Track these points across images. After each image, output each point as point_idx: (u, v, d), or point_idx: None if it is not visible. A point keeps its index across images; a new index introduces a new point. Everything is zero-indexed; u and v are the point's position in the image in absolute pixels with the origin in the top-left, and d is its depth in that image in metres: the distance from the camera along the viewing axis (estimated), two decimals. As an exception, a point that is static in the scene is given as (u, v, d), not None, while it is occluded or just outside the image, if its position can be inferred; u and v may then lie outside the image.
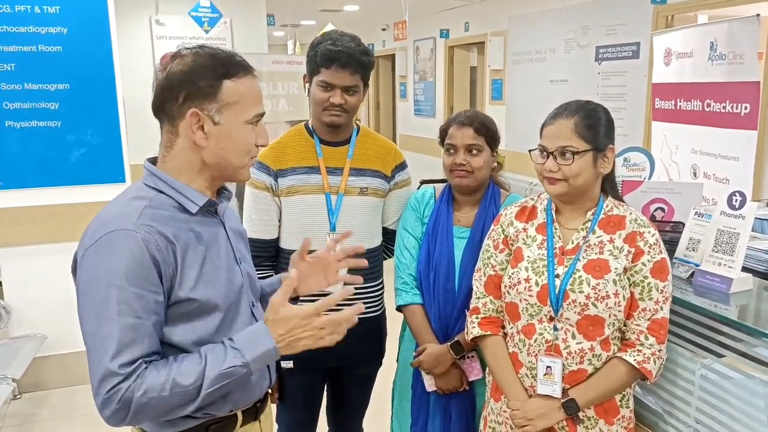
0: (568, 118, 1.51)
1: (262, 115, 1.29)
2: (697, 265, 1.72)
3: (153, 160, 1.30)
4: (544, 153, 1.53)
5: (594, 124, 1.52)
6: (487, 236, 1.71)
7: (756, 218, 1.98)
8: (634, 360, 1.48)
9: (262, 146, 1.31)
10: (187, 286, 1.19)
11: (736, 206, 1.66)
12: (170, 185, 1.25)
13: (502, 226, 1.66)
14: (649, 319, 1.49)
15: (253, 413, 1.37)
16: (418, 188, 2.10)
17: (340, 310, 1.94)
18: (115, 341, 1.10)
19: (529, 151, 1.58)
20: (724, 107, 2.89)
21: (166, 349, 1.21)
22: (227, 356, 1.17)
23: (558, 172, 1.50)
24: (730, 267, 1.64)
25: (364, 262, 1.57)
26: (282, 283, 1.30)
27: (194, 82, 1.20)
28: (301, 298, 1.53)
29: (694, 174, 3.14)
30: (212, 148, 1.23)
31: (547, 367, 1.51)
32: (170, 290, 1.18)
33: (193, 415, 1.23)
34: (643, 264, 1.49)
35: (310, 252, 1.90)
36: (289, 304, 1.24)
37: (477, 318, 1.67)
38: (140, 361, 1.13)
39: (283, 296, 1.24)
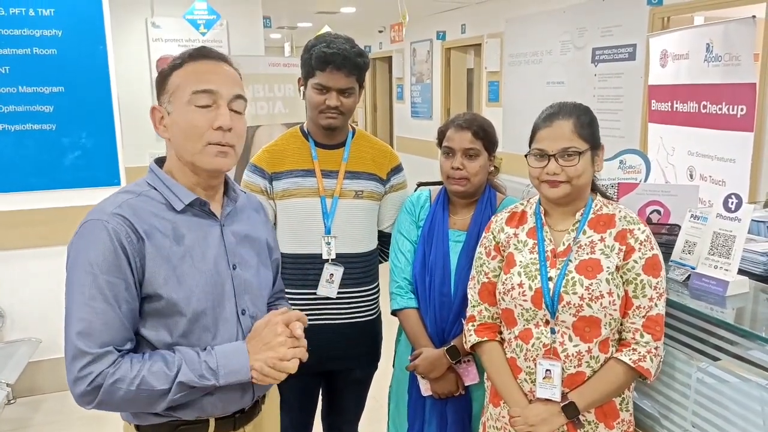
0: (566, 119, 1.50)
1: (207, 92, 1.22)
2: (693, 268, 1.71)
3: (162, 159, 1.33)
4: (544, 156, 1.51)
5: (590, 123, 1.53)
6: (479, 244, 1.70)
7: (752, 220, 1.98)
8: (630, 359, 1.47)
9: (220, 128, 1.23)
10: (156, 283, 1.20)
11: (732, 208, 1.66)
12: (163, 182, 1.28)
13: (493, 233, 1.65)
14: (643, 317, 1.48)
15: (231, 423, 1.34)
16: (415, 191, 2.09)
17: (330, 313, 1.95)
18: (84, 323, 1.15)
19: (525, 155, 1.56)
20: (721, 109, 2.89)
21: (143, 346, 1.23)
22: (202, 372, 1.20)
23: (561, 174, 1.48)
24: (726, 270, 1.63)
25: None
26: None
27: (156, 80, 1.29)
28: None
29: (691, 176, 3.13)
30: (172, 139, 1.27)
31: (547, 370, 1.49)
32: (140, 283, 1.20)
33: (156, 411, 1.24)
34: (635, 261, 1.49)
35: (306, 256, 1.91)
36: None
37: (473, 326, 1.65)
38: (112, 347, 1.16)
39: None
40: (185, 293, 1.23)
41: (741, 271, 1.68)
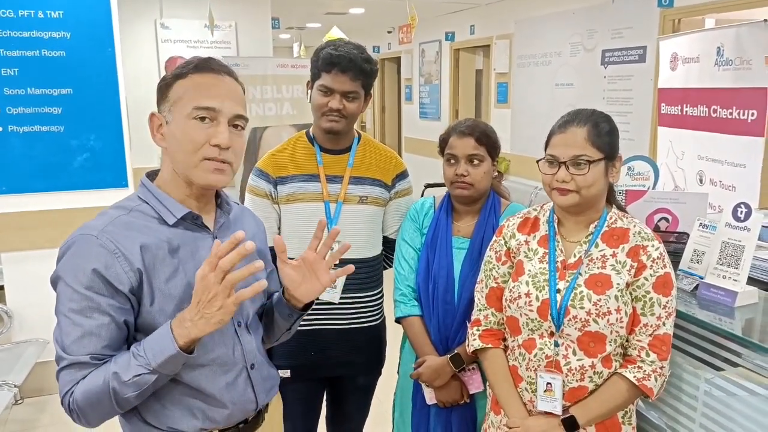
0: (580, 126, 1.47)
1: (208, 109, 1.20)
2: (702, 278, 1.69)
3: (155, 172, 1.32)
4: (555, 163, 1.48)
5: (606, 132, 1.49)
6: (489, 247, 1.68)
7: (763, 226, 1.95)
8: (634, 377, 1.44)
9: (216, 146, 1.21)
10: (151, 296, 1.19)
11: (742, 218, 1.63)
12: (155, 196, 1.26)
13: (504, 238, 1.63)
14: (650, 335, 1.45)
15: None
16: (423, 192, 2.07)
17: (333, 319, 1.94)
18: (68, 337, 1.14)
19: (537, 161, 1.54)
20: (731, 113, 2.86)
21: None
22: (131, 365, 1.13)
23: (570, 183, 1.45)
24: (735, 280, 1.61)
25: (351, 269, 1.37)
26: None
27: (158, 86, 1.26)
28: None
29: (700, 180, 3.10)
30: (168, 148, 1.25)
31: (548, 383, 1.48)
32: (139, 300, 1.19)
33: (156, 425, 1.23)
34: (645, 279, 1.46)
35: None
36: None
37: (478, 330, 1.64)
38: (88, 357, 1.15)
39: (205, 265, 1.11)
40: (174, 306, 1.20)
41: (750, 280, 1.65)
